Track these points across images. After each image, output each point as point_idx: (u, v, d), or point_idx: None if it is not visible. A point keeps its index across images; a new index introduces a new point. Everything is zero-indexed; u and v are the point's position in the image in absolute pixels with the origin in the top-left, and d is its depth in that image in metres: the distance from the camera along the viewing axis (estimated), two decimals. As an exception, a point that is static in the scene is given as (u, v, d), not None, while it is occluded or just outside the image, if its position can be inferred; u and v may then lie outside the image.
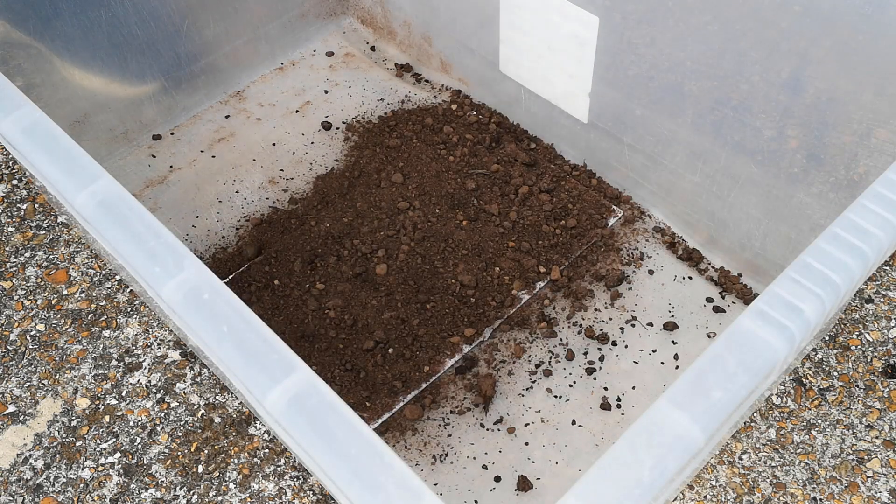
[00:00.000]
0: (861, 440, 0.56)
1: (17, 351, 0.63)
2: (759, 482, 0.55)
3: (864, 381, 0.59)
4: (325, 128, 0.77)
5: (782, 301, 0.34)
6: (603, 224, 0.66)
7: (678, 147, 0.62)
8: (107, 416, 0.59)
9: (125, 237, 0.38)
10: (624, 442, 0.30)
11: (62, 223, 0.71)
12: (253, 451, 0.57)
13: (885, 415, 0.58)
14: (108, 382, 0.61)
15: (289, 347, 0.34)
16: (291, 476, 0.56)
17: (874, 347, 0.61)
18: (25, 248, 0.69)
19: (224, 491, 0.55)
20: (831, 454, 0.56)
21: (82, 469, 0.57)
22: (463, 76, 0.79)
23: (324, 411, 0.31)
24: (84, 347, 0.63)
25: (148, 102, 0.76)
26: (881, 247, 0.36)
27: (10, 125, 0.43)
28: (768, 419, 0.58)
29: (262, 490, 0.55)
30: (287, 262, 0.65)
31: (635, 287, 0.64)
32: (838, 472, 0.55)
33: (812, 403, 0.58)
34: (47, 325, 0.64)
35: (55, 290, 0.67)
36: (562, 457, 0.55)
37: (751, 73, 0.53)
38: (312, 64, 0.84)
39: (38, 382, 0.61)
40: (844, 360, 0.61)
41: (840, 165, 0.52)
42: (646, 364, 0.59)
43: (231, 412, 0.59)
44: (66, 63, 0.68)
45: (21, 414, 0.60)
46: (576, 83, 0.66)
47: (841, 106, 0.50)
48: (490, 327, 0.60)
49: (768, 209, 0.59)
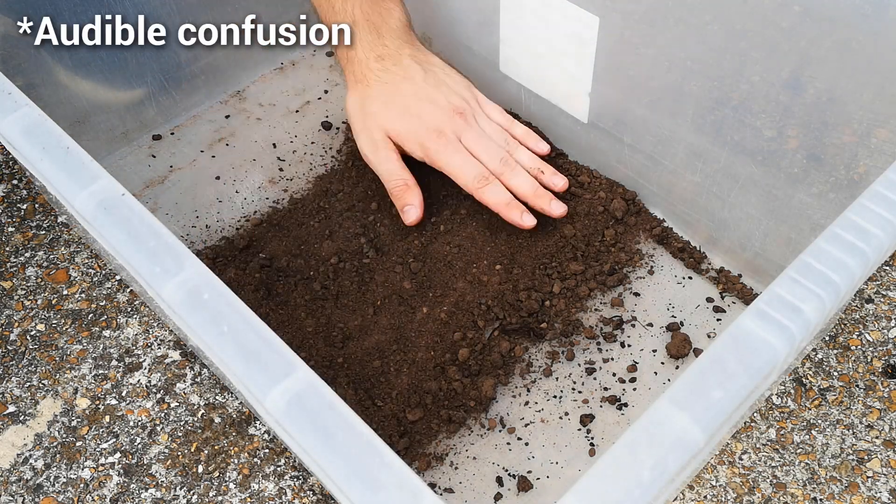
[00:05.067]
0: (861, 440, 0.56)
1: (17, 351, 0.63)
2: (759, 482, 0.55)
3: (865, 381, 0.59)
4: (325, 128, 0.77)
5: (782, 301, 0.34)
6: (603, 225, 0.66)
7: (678, 147, 0.62)
8: (107, 416, 0.59)
9: (125, 237, 0.38)
10: (624, 442, 0.30)
11: (62, 223, 0.71)
12: (253, 451, 0.57)
13: (885, 415, 0.58)
14: (108, 382, 0.61)
15: (289, 347, 0.34)
16: (291, 476, 0.56)
17: (874, 347, 0.61)
18: (25, 248, 0.69)
19: (224, 491, 0.55)
20: (831, 454, 0.56)
21: (82, 469, 0.57)
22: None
23: (324, 411, 0.31)
24: (84, 347, 0.63)
25: (148, 102, 0.76)
26: (881, 247, 0.36)
27: (10, 125, 0.43)
28: (768, 419, 0.58)
29: (262, 490, 0.55)
30: (287, 261, 0.64)
31: (635, 287, 0.64)
32: (838, 472, 0.55)
33: (812, 403, 0.58)
34: (47, 325, 0.64)
35: (55, 290, 0.67)
36: (562, 457, 0.55)
37: (751, 73, 0.53)
38: (312, 64, 0.84)
39: (38, 382, 0.61)
40: (844, 360, 0.61)
41: (840, 165, 0.52)
42: (646, 364, 0.59)
43: (231, 412, 0.59)
44: (66, 63, 0.68)
45: (21, 414, 0.60)
46: (576, 83, 0.66)
47: (841, 106, 0.50)
48: (490, 327, 0.60)
49: (768, 209, 0.59)
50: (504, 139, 0.64)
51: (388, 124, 0.63)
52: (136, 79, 0.73)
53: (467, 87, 0.66)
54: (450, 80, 0.65)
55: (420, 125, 0.62)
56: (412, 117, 0.62)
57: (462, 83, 0.66)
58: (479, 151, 0.62)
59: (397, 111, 0.62)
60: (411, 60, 0.64)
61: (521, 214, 0.61)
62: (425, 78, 0.63)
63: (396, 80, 0.63)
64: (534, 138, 0.66)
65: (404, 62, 0.63)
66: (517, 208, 0.61)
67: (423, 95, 0.63)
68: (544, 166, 0.64)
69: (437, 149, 0.61)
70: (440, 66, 0.66)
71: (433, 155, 0.62)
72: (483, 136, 0.63)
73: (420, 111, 0.62)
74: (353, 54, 0.63)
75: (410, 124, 0.62)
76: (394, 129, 0.63)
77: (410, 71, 0.63)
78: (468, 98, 0.65)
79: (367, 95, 0.63)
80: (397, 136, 0.63)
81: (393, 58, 0.63)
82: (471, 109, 0.64)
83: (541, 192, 0.62)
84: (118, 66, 0.71)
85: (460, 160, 0.61)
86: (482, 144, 0.62)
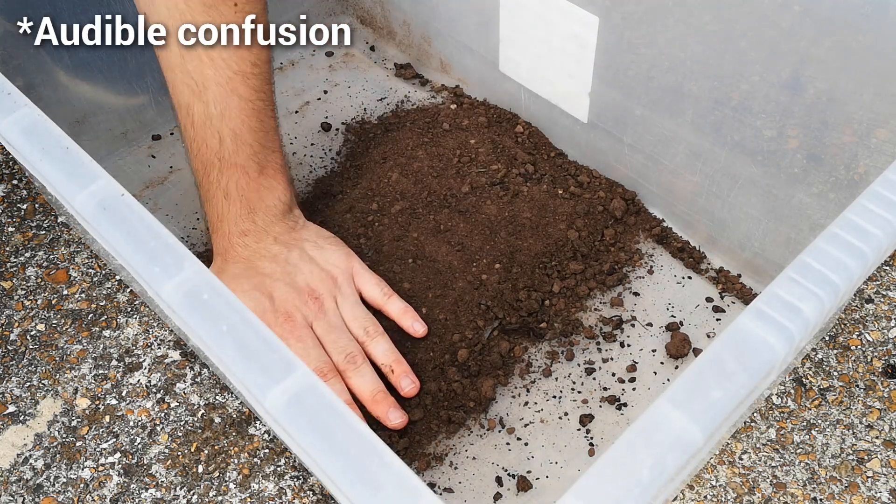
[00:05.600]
0: (861, 440, 0.56)
1: (17, 351, 0.63)
2: (759, 482, 0.55)
3: (864, 381, 0.59)
4: (325, 128, 0.77)
5: (781, 301, 0.34)
6: (603, 224, 0.66)
7: (678, 147, 0.62)
8: (107, 416, 0.59)
9: (125, 237, 0.38)
10: (623, 441, 0.30)
11: (62, 223, 0.71)
12: (253, 451, 0.57)
13: (885, 415, 0.58)
14: (108, 382, 0.61)
15: (288, 348, 0.34)
16: (291, 476, 0.56)
17: (874, 347, 0.61)
18: (25, 248, 0.69)
19: (224, 491, 0.55)
20: (831, 454, 0.56)
21: (82, 469, 0.57)
22: (463, 76, 0.79)
23: (323, 411, 0.31)
24: (84, 347, 0.63)
25: (148, 102, 0.76)
26: (880, 247, 0.36)
27: (10, 125, 0.43)
28: (768, 419, 0.58)
29: (262, 490, 0.55)
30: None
31: (635, 287, 0.64)
32: (838, 472, 0.55)
33: (812, 403, 0.58)
34: (47, 325, 0.64)
35: (55, 290, 0.67)
36: (561, 457, 0.55)
37: (751, 73, 0.54)
38: (312, 64, 0.84)
39: (38, 382, 0.61)
40: (844, 360, 0.61)
41: (840, 165, 0.52)
42: (645, 364, 0.59)
43: (231, 412, 0.59)
44: (66, 63, 0.68)
45: (21, 414, 0.60)
46: (576, 83, 0.66)
47: (841, 106, 0.50)
48: (490, 327, 0.60)
49: (768, 209, 0.59)
50: (363, 329, 0.58)
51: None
52: (135, 79, 0.73)
53: (343, 261, 0.61)
54: (320, 256, 0.60)
55: (269, 306, 0.57)
56: (263, 297, 0.57)
57: (335, 257, 0.61)
58: (327, 343, 0.57)
59: (248, 288, 0.57)
60: (274, 240, 0.59)
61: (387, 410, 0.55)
62: (288, 257, 0.59)
63: (256, 258, 0.58)
64: (410, 317, 0.59)
65: (267, 241, 0.59)
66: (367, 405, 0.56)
67: (280, 275, 0.58)
68: (397, 365, 0.57)
69: (282, 334, 0.56)
70: (312, 241, 0.61)
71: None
72: (334, 327, 0.58)
73: (273, 291, 0.57)
74: (219, 225, 0.59)
75: (259, 304, 0.57)
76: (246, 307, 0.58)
77: (273, 250, 0.59)
78: (337, 275, 0.60)
79: (226, 270, 0.59)
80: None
81: (258, 234, 0.59)
82: (330, 292, 0.59)
83: (380, 398, 0.55)
84: (118, 67, 0.71)
85: (301, 350, 0.56)
86: (331, 336, 0.57)
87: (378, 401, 0.55)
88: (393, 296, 0.60)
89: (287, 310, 0.57)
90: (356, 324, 0.58)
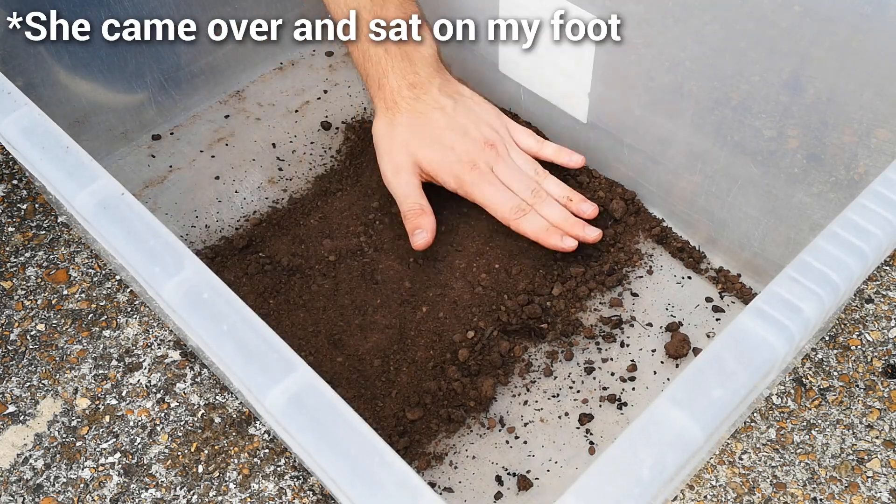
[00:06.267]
0: (861, 440, 0.56)
1: (17, 351, 0.63)
2: (759, 482, 0.55)
3: (864, 381, 0.59)
4: (325, 128, 0.77)
5: (781, 300, 0.34)
6: (603, 224, 0.66)
7: (678, 147, 0.62)
8: (107, 416, 0.59)
9: (125, 237, 0.38)
10: (623, 440, 0.30)
11: (62, 223, 0.71)
12: (253, 451, 0.57)
13: (885, 415, 0.58)
14: (108, 382, 0.61)
15: (288, 347, 0.34)
16: (292, 476, 0.56)
17: (874, 347, 0.61)
18: (25, 248, 0.69)
19: (224, 491, 0.55)
20: (831, 454, 0.56)
21: (82, 469, 0.57)
22: (463, 76, 0.79)
23: (324, 411, 0.31)
24: (84, 347, 0.63)
25: (147, 102, 0.76)
26: (880, 246, 0.36)
27: (10, 125, 0.43)
28: (768, 419, 0.58)
29: (262, 490, 0.55)
30: (286, 261, 0.64)
31: (635, 287, 0.64)
32: (838, 472, 0.55)
33: (812, 403, 0.58)
34: (47, 325, 0.64)
35: (55, 290, 0.67)
36: (561, 456, 0.55)
37: (751, 73, 0.54)
38: (312, 64, 0.84)
39: (38, 382, 0.61)
40: (844, 360, 0.61)
41: (840, 165, 0.52)
42: (645, 364, 0.59)
43: (231, 412, 0.59)
44: (65, 63, 0.68)
45: (21, 414, 0.60)
46: (575, 83, 0.66)
47: (841, 106, 0.50)
48: (490, 327, 0.60)
49: (768, 209, 0.59)
50: (534, 169, 0.65)
51: (420, 153, 0.63)
52: (135, 79, 0.73)
53: (497, 116, 0.66)
54: (480, 109, 0.66)
55: (454, 157, 0.62)
56: (445, 149, 0.62)
57: (492, 112, 0.66)
58: (511, 182, 0.63)
59: (429, 141, 0.63)
60: (441, 91, 0.64)
61: (560, 238, 0.61)
62: (456, 108, 0.64)
63: (427, 110, 0.63)
64: (566, 154, 0.66)
65: (434, 92, 0.64)
66: (556, 233, 0.61)
67: (455, 127, 0.63)
68: (573, 194, 0.64)
69: (472, 181, 0.62)
70: (469, 96, 0.66)
71: (468, 187, 0.62)
72: (514, 167, 0.64)
73: (453, 143, 0.63)
74: (384, 81, 0.63)
75: (444, 156, 0.62)
76: (426, 158, 0.63)
77: (441, 101, 0.64)
78: (498, 127, 0.65)
79: (397, 123, 0.63)
80: (429, 165, 0.63)
81: (424, 86, 0.64)
82: (501, 140, 0.65)
83: (573, 221, 0.62)
84: (118, 66, 0.71)
85: (495, 192, 0.62)
86: (514, 176, 0.63)
87: (572, 223, 0.62)
88: (545, 142, 0.67)
89: (472, 159, 0.62)
90: (527, 166, 0.65)
